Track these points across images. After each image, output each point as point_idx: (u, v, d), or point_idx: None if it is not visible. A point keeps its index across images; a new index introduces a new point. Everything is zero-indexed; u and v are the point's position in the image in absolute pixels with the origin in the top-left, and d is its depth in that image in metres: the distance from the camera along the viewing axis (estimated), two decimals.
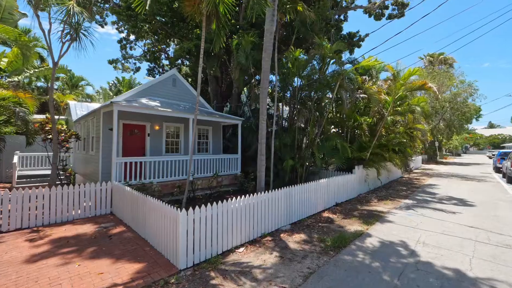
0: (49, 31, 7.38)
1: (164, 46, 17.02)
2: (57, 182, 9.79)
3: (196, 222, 4.28)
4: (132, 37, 16.88)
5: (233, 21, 11.98)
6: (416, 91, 10.72)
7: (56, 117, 16.26)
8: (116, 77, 28.87)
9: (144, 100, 9.22)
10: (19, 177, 10.92)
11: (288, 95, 11.10)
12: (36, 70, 12.45)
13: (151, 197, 5.14)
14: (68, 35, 7.29)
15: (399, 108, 10.96)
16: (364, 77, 10.46)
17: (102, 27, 15.97)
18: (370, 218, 7.08)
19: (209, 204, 4.54)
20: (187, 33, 13.58)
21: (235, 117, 11.17)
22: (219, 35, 6.44)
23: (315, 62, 10.96)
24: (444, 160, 35.32)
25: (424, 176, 17.44)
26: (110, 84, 26.63)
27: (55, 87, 22.37)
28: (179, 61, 17.34)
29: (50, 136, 9.14)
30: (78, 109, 14.42)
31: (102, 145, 8.45)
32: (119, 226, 6.06)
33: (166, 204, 4.56)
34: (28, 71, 12.44)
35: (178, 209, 4.19)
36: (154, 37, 15.49)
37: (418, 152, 22.46)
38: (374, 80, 10.88)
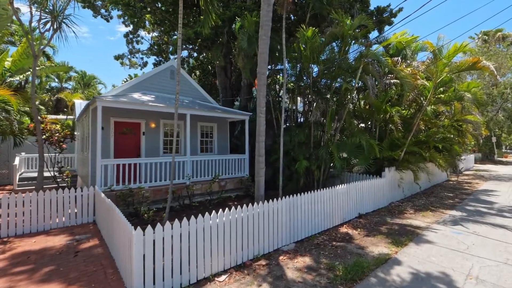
0: (30, 21, 7.18)
1: (171, 39, 16.79)
2: (48, 186, 9.82)
3: (158, 244, 3.53)
4: (139, 31, 16.90)
5: (240, 3, 11.18)
6: (465, 72, 9.00)
7: (64, 117, 16.87)
8: (129, 75, 29.73)
9: (136, 95, 8.80)
10: (21, 179, 11.22)
11: (302, 84, 10.00)
12: (38, 68, 12.79)
13: (117, 207, 4.54)
14: (49, 24, 6.98)
15: (442, 96, 9.29)
16: (396, 58, 8.99)
17: (108, 21, 16.08)
18: (401, 236, 5.84)
19: (176, 221, 3.78)
20: (194, 22, 13.10)
21: (241, 112, 10.36)
22: (207, 12, 5.65)
23: (334, 45, 9.73)
24: (503, 159, 31.18)
25: (477, 179, 15.15)
26: (123, 82, 27.43)
27: (69, 86, 23.57)
28: (186, 53, 17.01)
29: (44, 136, 9.13)
30: (84, 107, 14.66)
31: (91, 145, 8.17)
32: (94, 239, 5.59)
33: (126, 217, 3.89)
34: (31, 69, 12.83)
35: (133, 227, 3.48)
36: (161, 28, 15.29)
37: (469, 150, 19.84)
38: (409, 61, 9.33)
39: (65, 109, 22.52)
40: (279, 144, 8.34)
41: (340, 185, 6.83)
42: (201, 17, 11.85)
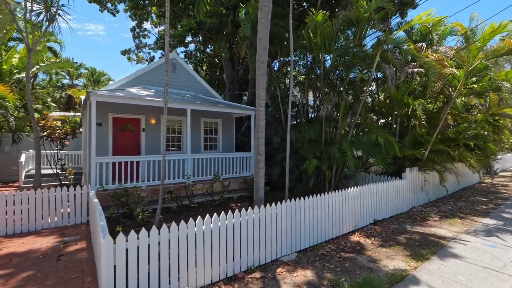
0: (25, 14, 7.15)
1: (176, 31, 16.69)
2: (51, 184, 9.95)
3: (131, 254, 3.22)
4: (145, 24, 16.93)
5: None
6: (504, 57, 8.02)
7: (72, 114, 17.28)
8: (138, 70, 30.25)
9: (134, 90, 8.64)
10: (28, 176, 11.48)
11: (313, 76, 9.43)
12: (43, 64, 13.09)
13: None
14: (42, 15, 6.91)
15: (475, 86, 8.37)
16: (421, 44, 8.20)
17: (114, 15, 16.17)
18: (422, 247, 5.21)
19: (154, 227, 3.43)
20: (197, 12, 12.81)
21: (246, 107, 9.95)
22: None
23: (349, 32, 9.05)
24: None
25: None
26: None
27: (80, 83, 24.26)
28: (193, 47, 16.84)
29: (45, 133, 9.23)
30: (83, 103, 14.88)
31: (89, 142, 8.10)
32: (82, 241, 5.43)
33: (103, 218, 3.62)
34: (37, 66, 13.16)
35: (103, 233, 3.18)
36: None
37: (506, 149, 18.26)
38: (435, 47, 8.47)
39: (75, 106, 23.22)
40: (287, 141, 7.86)
41: (353, 187, 6.27)
42: (207, 7, 11.57)
